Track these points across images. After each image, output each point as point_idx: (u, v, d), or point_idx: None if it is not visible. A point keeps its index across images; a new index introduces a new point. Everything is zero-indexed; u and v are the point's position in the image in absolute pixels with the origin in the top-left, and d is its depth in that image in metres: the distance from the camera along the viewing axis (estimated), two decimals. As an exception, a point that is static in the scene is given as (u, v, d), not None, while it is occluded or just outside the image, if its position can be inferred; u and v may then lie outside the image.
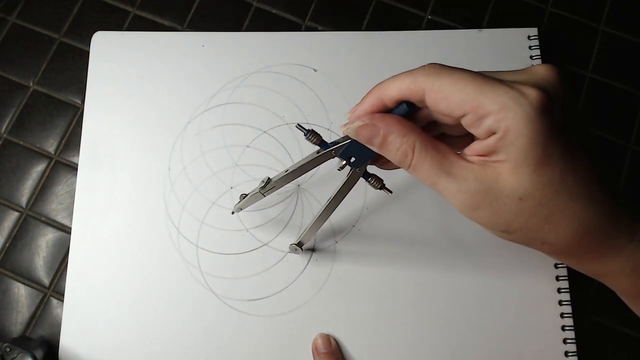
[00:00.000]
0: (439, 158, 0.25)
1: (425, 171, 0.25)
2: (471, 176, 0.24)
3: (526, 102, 0.22)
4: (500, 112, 0.22)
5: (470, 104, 0.23)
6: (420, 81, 0.24)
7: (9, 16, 0.48)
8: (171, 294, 0.41)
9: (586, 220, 0.24)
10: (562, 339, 0.40)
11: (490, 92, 0.23)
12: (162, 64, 0.45)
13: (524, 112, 0.22)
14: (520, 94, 0.22)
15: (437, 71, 0.24)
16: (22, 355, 0.37)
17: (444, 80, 0.24)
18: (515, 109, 0.22)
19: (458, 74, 0.24)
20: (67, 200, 0.43)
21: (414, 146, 0.25)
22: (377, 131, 0.25)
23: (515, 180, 0.23)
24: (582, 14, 0.47)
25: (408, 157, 0.25)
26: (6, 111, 0.46)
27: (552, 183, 0.23)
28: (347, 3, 0.48)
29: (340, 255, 0.41)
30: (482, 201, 0.24)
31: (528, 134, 0.22)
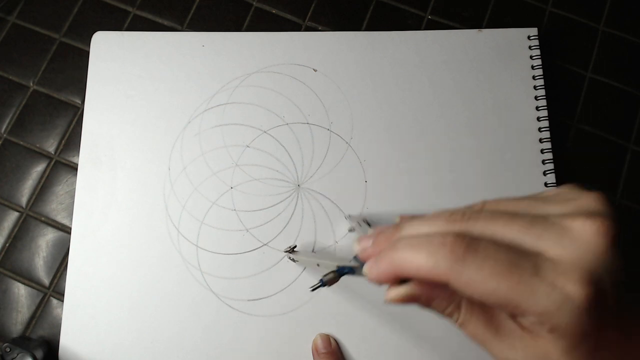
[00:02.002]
0: (485, 318, 0.23)
1: (472, 330, 0.23)
2: (519, 345, 0.21)
3: (572, 306, 0.19)
4: (542, 316, 0.20)
5: (505, 303, 0.20)
6: (443, 269, 0.20)
7: (9, 16, 0.48)
8: (171, 294, 0.41)
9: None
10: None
11: (529, 295, 0.19)
12: (162, 64, 0.45)
13: (569, 318, 0.19)
14: (564, 297, 0.19)
15: (462, 255, 0.20)
16: (22, 355, 0.37)
17: (471, 271, 0.20)
18: (559, 315, 0.19)
19: (488, 267, 0.20)
20: (67, 200, 0.43)
21: (459, 306, 0.23)
22: (418, 297, 0.23)
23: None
24: (582, 14, 0.47)
25: (454, 317, 0.23)
26: (6, 111, 0.46)
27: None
28: (347, 3, 0.48)
29: (341, 255, 0.41)
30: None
31: (577, 332, 0.20)
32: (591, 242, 0.20)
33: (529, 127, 0.43)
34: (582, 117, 0.45)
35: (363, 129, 0.44)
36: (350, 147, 0.43)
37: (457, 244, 0.20)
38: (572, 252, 0.20)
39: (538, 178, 0.42)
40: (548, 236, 0.20)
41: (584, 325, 0.19)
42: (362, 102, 0.44)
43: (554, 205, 0.21)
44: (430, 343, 0.40)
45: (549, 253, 0.20)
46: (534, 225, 0.20)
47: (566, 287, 0.19)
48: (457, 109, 0.44)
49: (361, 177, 0.43)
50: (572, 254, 0.20)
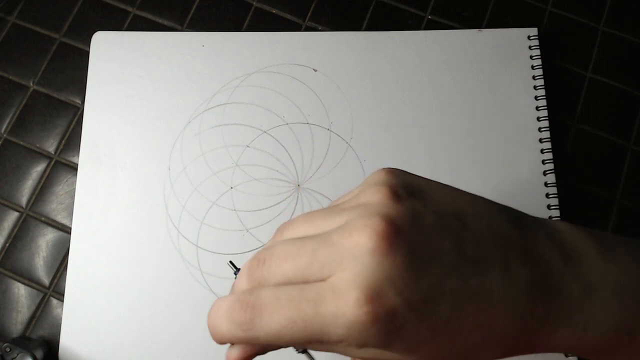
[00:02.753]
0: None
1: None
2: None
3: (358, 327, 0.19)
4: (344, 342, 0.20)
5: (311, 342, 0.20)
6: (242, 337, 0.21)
7: (9, 16, 0.48)
8: (171, 294, 0.41)
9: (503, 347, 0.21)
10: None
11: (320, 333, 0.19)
12: (162, 64, 0.45)
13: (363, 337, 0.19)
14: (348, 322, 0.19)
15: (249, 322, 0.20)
16: (22, 355, 0.37)
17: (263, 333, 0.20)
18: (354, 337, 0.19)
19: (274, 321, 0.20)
20: (67, 200, 0.43)
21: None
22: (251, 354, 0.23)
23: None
24: (582, 14, 0.47)
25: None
26: (6, 111, 0.46)
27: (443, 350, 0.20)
28: (347, 3, 0.48)
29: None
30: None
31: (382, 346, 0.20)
32: (365, 256, 0.19)
33: (529, 127, 0.43)
34: (582, 117, 0.45)
35: (363, 129, 0.44)
36: (350, 147, 0.43)
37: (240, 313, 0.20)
38: (350, 272, 0.19)
39: (538, 178, 0.42)
40: (331, 259, 0.19)
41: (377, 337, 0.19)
42: (362, 102, 0.44)
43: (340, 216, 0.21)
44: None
45: (332, 279, 0.19)
46: (318, 252, 0.20)
47: (346, 313, 0.18)
48: (457, 109, 0.44)
49: (361, 177, 0.43)
50: (350, 274, 0.19)
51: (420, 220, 0.20)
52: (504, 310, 0.20)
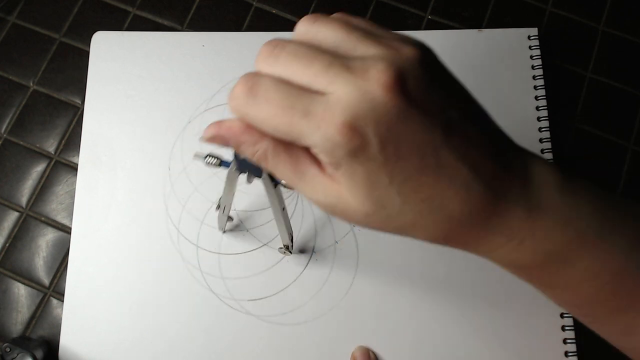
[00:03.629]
0: (292, 163, 0.24)
1: (281, 174, 0.24)
2: (320, 188, 0.23)
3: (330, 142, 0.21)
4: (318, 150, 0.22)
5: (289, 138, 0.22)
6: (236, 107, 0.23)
7: (9, 16, 0.48)
8: (171, 294, 0.41)
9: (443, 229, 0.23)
10: (562, 339, 0.40)
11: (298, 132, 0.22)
12: (162, 64, 0.45)
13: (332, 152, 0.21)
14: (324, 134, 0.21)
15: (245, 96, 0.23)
16: (22, 355, 0.37)
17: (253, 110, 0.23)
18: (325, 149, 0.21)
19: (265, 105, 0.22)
20: (67, 200, 0.43)
21: (266, 152, 0.24)
22: (227, 141, 0.25)
23: (355, 202, 0.23)
24: (582, 14, 0.47)
25: (263, 162, 0.24)
26: (6, 111, 0.46)
27: (392, 206, 0.22)
28: (347, 3, 0.48)
29: (341, 255, 0.41)
30: (334, 211, 0.24)
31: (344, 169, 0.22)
32: (369, 88, 0.21)
33: (529, 127, 0.43)
34: (582, 117, 0.45)
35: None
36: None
37: (242, 86, 0.23)
38: (350, 97, 0.21)
39: (538, 178, 0.42)
40: (339, 80, 0.21)
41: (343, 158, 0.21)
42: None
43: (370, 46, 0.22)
44: (429, 341, 0.40)
45: (330, 96, 0.21)
46: (330, 69, 0.21)
47: (329, 125, 0.21)
48: (457, 109, 0.44)
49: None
50: (348, 99, 0.21)
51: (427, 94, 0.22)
52: (458, 193, 0.22)
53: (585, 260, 0.24)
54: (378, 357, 0.39)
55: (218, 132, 0.25)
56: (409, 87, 0.21)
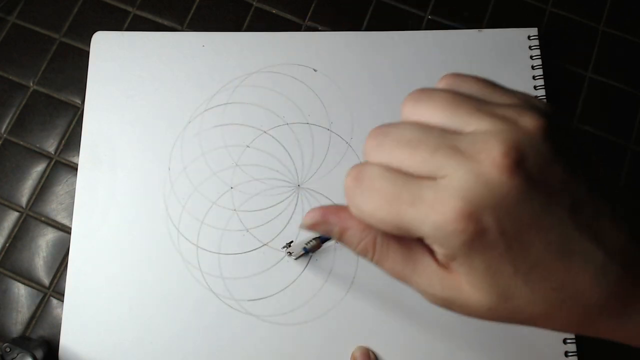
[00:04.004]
0: (403, 253, 0.22)
1: (390, 267, 0.23)
2: (436, 279, 0.22)
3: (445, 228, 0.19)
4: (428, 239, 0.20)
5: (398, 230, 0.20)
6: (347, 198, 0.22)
7: (9, 16, 0.48)
8: (171, 294, 0.41)
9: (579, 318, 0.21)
10: (562, 339, 0.40)
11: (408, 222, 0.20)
12: (162, 64, 0.45)
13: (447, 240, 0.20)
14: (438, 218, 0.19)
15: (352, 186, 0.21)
16: (22, 355, 0.37)
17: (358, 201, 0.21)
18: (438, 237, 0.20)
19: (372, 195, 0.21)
20: (67, 200, 0.43)
21: (374, 241, 0.23)
22: (331, 226, 0.23)
23: (476, 295, 0.21)
24: (582, 14, 0.47)
25: (369, 253, 0.23)
26: (6, 111, 0.46)
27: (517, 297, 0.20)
28: (347, 3, 0.48)
29: (341, 255, 0.41)
30: (452, 305, 0.22)
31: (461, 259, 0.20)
32: (485, 170, 0.19)
33: (529, 127, 0.43)
34: (582, 117, 0.45)
35: (363, 129, 0.44)
36: (351, 147, 0.43)
37: (350, 176, 0.22)
38: (461, 182, 0.19)
39: (538, 178, 0.42)
40: (448, 164, 0.19)
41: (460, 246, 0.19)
42: (362, 102, 0.44)
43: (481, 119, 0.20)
44: (428, 340, 0.40)
45: (443, 180, 0.19)
46: (437, 153, 0.20)
47: (442, 209, 0.19)
48: (457, 109, 0.44)
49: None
50: (458, 181, 0.19)
51: (550, 171, 0.19)
52: (594, 278, 0.20)
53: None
54: (378, 357, 0.39)
55: (322, 218, 0.23)
56: (529, 165, 0.19)
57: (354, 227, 0.23)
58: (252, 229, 0.42)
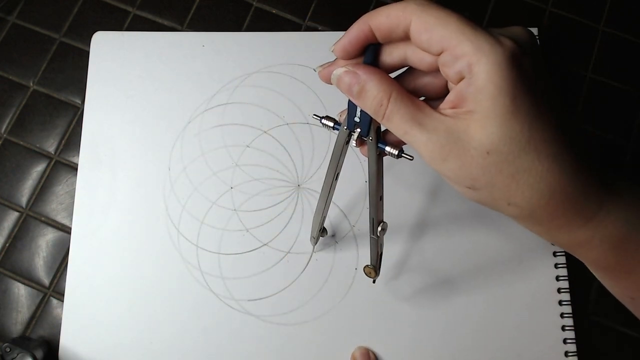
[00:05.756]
0: (412, 109, 0.25)
1: (398, 120, 0.25)
2: (442, 127, 0.24)
3: (501, 49, 0.22)
4: (475, 55, 0.23)
5: (449, 41, 0.23)
6: (410, 11, 0.24)
7: (9, 16, 0.48)
8: (171, 294, 0.41)
9: (552, 182, 0.24)
10: (562, 339, 0.40)
11: (471, 34, 0.23)
12: (162, 64, 0.45)
13: (496, 59, 0.22)
14: (497, 41, 0.23)
15: (427, 5, 0.24)
16: (22, 355, 0.37)
17: (432, 14, 0.24)
18: (489, 53, 0.22)
19: (446, 11, 0.24)
20: (67, 200, 0.43)
21: (390, 95, 0.25)
22: (357, 78, 0.25)
23: (483, 133, 0.23)
24: (582, 14, 0.47)
25: (383, 106, 0.25)
26: (6, 111, 0.46)
27: (520, 139, 0.23)
28: (347, 3, 0.48)
29: (341, 255, 0.41)
30: (450, 152, 0.24)
31: (497, 82, 0.22)
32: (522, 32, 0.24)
33: (529, 127, 0.43)
34: (582, 117, 0.45)
35: (363, 129, 0.44)
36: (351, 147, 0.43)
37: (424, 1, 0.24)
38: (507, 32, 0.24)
39: (538, 178, 0.42)
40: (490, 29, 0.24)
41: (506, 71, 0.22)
42: (362, 102, 0.44)
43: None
44: (430, 343, 0.40)
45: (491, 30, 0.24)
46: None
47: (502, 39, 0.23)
48: (457, 109, 0.44)
49: (361, 177, 0.43)
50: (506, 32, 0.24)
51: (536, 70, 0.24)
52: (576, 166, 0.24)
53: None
54: (378, 357, 0.39)
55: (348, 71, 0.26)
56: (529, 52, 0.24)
57: (374, 80, 0.25)
58: (252, 229, 0.42)
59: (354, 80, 0.26)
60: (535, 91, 0.23)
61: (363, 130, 0.29)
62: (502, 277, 0.41)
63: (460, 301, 0.40)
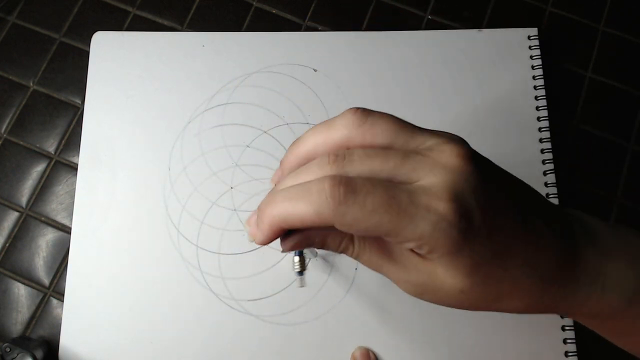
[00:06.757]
0: (379, 247, 0.24)
1: (367, 259, 0.25)
2: (411, 265, 0.23)
3: (444, 224, 0.21)
4: (421, 240, 0.21)
5: (387, 234, 0.21)
6: (326, 216, 0.21)
7: (9, 16, 0.48)
8: (171, 294, 0.41)
9: (537, 293, 0.24)
10: (562, 339, 0.40)
11: (408, 223, 0.21)
12: (162, 64, 0.45)
13: (444, 236, 0.21)
14: (437, 217, 0.21)
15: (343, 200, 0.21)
16: (22, 355, 0.37)
17: (353, 211, 0.21)
18: (434, 235, 0.21)
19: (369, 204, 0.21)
20: (67, 200, 0.43)
21: (353, 239, 0.24)
22: (313, 240, 0.25)
23: (452, 281, 0.23)
24: (582, 14, 0.47)
25: (349, 250, 0.25)
26: (6, 111, 0.46)
27: (491, 278, 0.23)
28: (347, 3, 0.48)
29: (341, 255, 0.41)
30: (425, 290, 0.24)
31: (451, 252, 0.22)
32: (454, 165, 0.22)
33: (529, 127, 0.43)
34: (582, 117, 0.45)
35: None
36: (350, 147, 0.43)
37: (336, 188, 0.21)
38: (440, 177, 0.21)
39: (538, 178, 0.42)
40: (421, 167, 0.22)
41: (456, 238, 0.21)
42: (362, 102, 0.44)
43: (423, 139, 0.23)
44: (428, 341, 0.40)
45: (421, 182, 0.22)
46: (407, 159, 0.22)
47: (438, 208, 0.21)
48: (457, 109, 0.44)
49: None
50: (440, 179, 0.21)
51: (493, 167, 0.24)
52: (546, 251, 0.23)
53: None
54: (378, 357, 0.39)
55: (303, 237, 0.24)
56: (476, 159, 0.23)
57: (333, 234, 0.24)
58: (252, 229, 0.42)
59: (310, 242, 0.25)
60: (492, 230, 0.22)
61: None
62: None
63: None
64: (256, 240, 0.24)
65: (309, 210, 0.22)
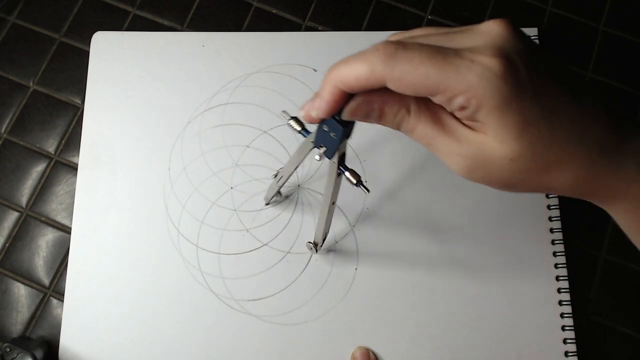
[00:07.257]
0: (433, 118, 0.25)
1: (421, 131, 0.25)
2: (463, 137, 0.24)
3: (491, 74, 0.22)
4: (469, 92, 0.22)
5: (436, 88, 0.23)
6: (378, 71, 0.23)
7: (9, 16, 0.48)
8: (171, 294, 0.41)
9: (586, 163, 0.24)
10: (562, 339, 0.40)
11: (454, 73, 0.22)
12: (162, 64, 0.45)
13: (491, 87, 0.22)
14: (483, 67, 0.22)
15: (392, 54, 0.23)
16: (22, 355, 0.37)
17: (403, 66, 0.23)
18: (482, 85, 0.22)
19: (417, 57, 0.23)
20: (67, 200, 0.43)
21: (409, 109, 0.25)
22: (372, 106, 0.25)
23: (501, 147, 0.23)
24: (582, 14, 0.47)
25: (405, 121, 0.25)
26: (6, 111, 0.46)
27: (540, 140, 0.23)
28: (347, 3, 0.48)
29: (340, 255, 0.41)
30: (476, 163, 0.24)
31: (500, 106, 0.22)
32: (498, 31, 0.23)
33: (529, 127, 0.43)
34: (582, 117, 0.45)
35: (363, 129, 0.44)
36: (351, 147, 0.43)
37: (388, 46, 0.23)
38: (485, 41, 0.23)
39: (538, 178, 0.42)
40: (468, 35, 0.24)
41: (503, 91, 0.22)
42: (362, 102, 0.44)
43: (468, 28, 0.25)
44: (429, 343, 0.40)
45: (465, 44, 0.23)
46: (451, 33, 0.24)
47: (483, 60, 0.22)
48: (457, 109, 0.44)
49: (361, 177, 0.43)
50: (484, 42, 0.23)
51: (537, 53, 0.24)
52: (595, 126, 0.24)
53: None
54: (378, 357, 0.39)
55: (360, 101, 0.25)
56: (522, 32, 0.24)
57: (391, 101, 0.25)
58: (252, 229, 0.42)
59: (370, 109, 0.25)
60: (541, 89, 0.23)
61: (328, 153, 0.30)
62: (502, 277, 0.41)
63: (461, 301, 0.40)
64: (318, 110, 0.25)
65: (363, 67, 0.24)
